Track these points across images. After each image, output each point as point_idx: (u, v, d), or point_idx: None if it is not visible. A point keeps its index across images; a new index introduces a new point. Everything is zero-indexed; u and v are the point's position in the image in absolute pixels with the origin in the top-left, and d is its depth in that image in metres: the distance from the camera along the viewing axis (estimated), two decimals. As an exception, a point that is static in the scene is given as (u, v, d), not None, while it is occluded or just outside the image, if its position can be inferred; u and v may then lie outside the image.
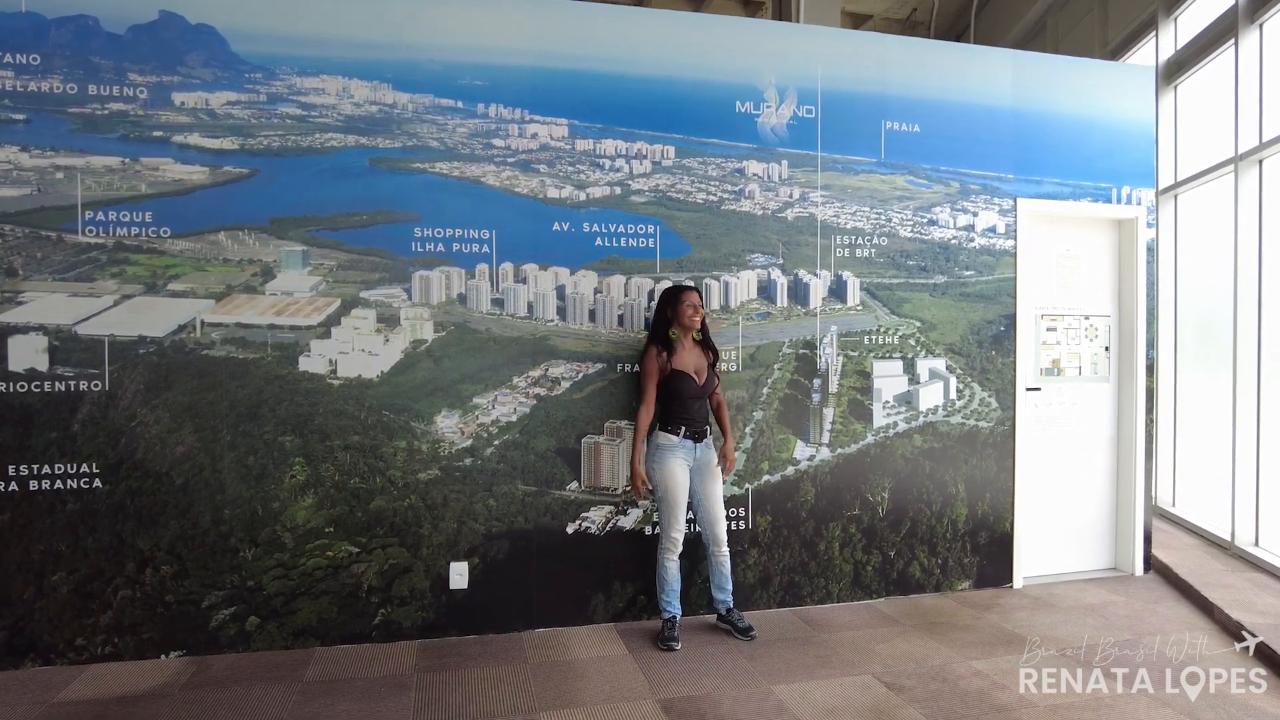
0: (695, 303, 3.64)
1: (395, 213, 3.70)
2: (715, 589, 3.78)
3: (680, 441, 3.64)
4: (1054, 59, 4.82)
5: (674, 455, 3.63)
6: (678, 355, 3.65)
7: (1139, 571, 4.68)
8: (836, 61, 4.21)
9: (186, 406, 3.48)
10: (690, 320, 3.63)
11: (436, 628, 3.71)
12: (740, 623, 3.73)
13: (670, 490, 3.63)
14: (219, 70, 3.55)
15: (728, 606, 3.78)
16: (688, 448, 3.65)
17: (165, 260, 3.48)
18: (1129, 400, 4.73)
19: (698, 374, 3.66)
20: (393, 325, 3.68)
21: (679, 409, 3.63)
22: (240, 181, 3.57)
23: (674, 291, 3.68)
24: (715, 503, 3.71)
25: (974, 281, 4.44)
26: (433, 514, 3.69)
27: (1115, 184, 4.63)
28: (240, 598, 3.52)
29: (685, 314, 3.62)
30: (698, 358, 3.69)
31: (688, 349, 3.68)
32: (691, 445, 3.66)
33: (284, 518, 3.55)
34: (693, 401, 3.64)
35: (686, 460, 3.66)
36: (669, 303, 3.66)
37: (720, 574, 3.75)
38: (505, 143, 3.81)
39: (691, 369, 3.65)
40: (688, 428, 3.64)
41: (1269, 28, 4.89)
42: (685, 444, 3.65)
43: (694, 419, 3.65)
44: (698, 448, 3.67)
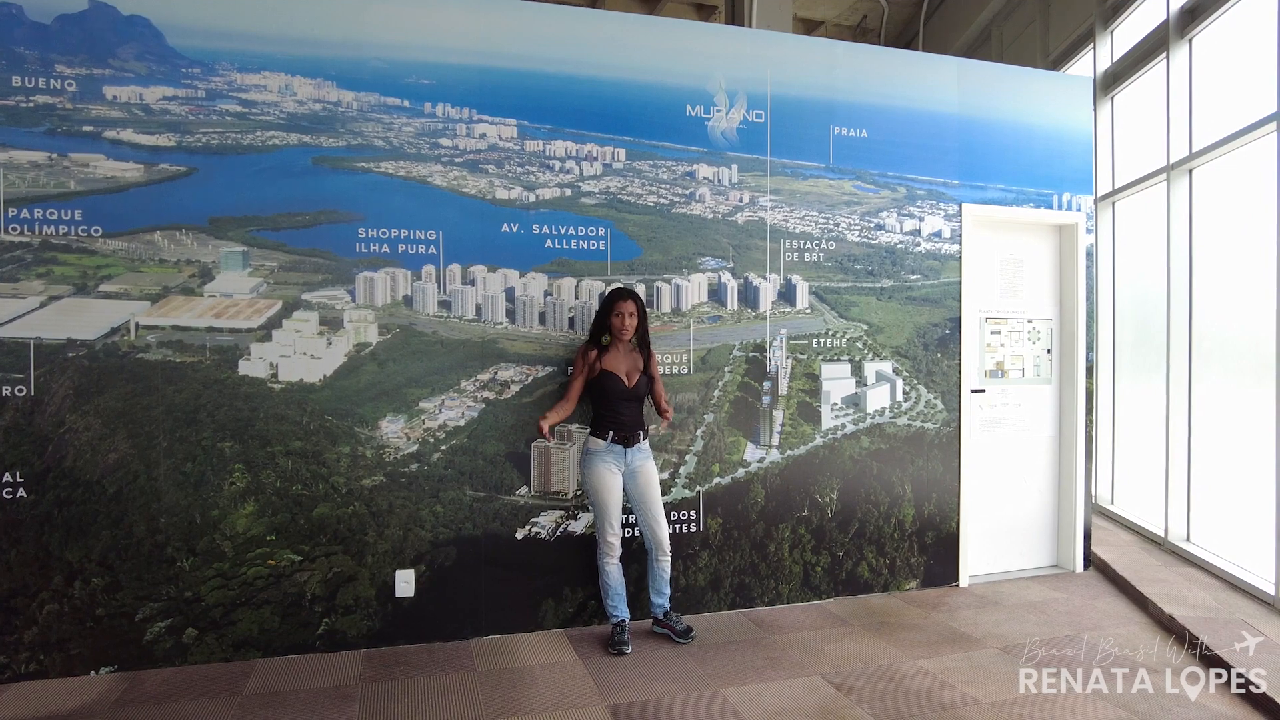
0: (628, 311, 3.59)
1: (339, 213, 3.62)
2: (653, 592, 3.77)
3: (608, 446, 3.61)
4: (999, 68, 4.95)
5: (601, 460, 3.60)
6: (609, 356, 3.62)
7: (1079, 568, 4.81)
8: (786, 66, 4.24)
9: (119, 412, 3.35)
10: (619, 331, 3.59)
11: (382, 637, 3.63)
12: (678, 625, 3.72)
13: (598, 493, 3.60)
14: (154, 64, 3.43)
15: (664, 610, 3.76)
16: (616, 452, 3.62)
17: (96, 260, 3.36)
18: (1070, 401, 4.85)
19: (628, 376, 3.61)
20: (336, 328, 3.60)
21: (607, 411, 3.61)
22: (177, 180, 3.46)
23: (610, 298, 3.65)
24: (653, 507, 3.68)
25: (920, 285, 4.51)
26: (378, 521, 3.62)
27: (1056, 190, 4.75)
28: (177, 609, 3.40)
29: (614, 324, 3.59)
30: (631, 362, 3.65)
31: (622, 352, 3.65)
32: (621, 450, 3.62)
33: (223, 526, 3.45)
34: (621, 403, 3.59)
35: (616, 465, 3.62)
36: (605, 307, 3.65)
37: (659, 578, 3.73)
38: (453, 142, 3.76)
39: (623, 371, 3.61)
40: (615, 431, 3.60)
41: (1198, 43, 5.07)
42: (614, 449, 3.61)
43: (622, 422, 3.60)
44: (628, 453, 3.63)
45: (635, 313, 3.61)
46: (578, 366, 3.64)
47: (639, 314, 3.64)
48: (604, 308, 3.65)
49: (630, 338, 3.64)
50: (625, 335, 3.60)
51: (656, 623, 3.77)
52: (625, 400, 3.60)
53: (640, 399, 3.67)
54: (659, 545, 3.69)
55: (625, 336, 3.61)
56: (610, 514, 3.62)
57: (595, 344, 3.64)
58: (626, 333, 3.60)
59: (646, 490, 3.67)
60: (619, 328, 3.59)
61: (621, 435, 3.61)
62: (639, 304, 3.65)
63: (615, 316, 3.59)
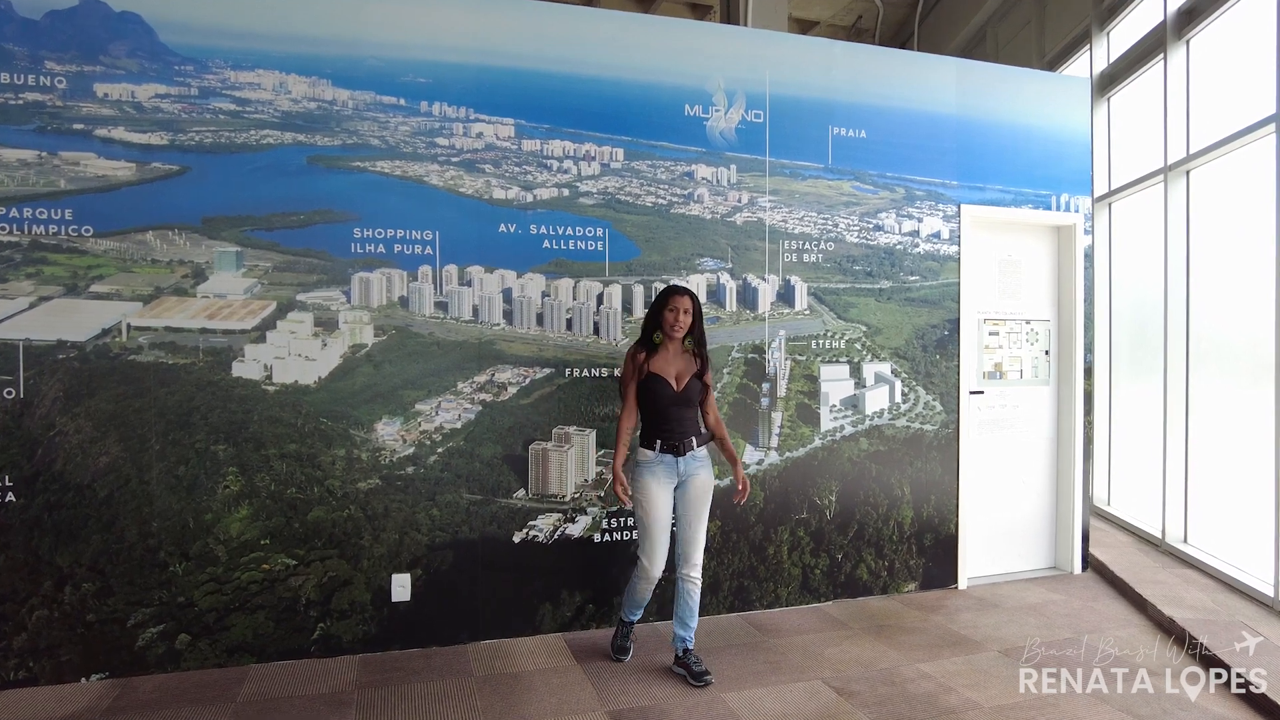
0: (683, 307, 3.32)
1: (334, 213, 3.57)
2: (676, 622, 3.37)
3: (657, 456, 3.31)
4: (997, 69, 4.93)
5: (650, 473, 3.30)
6: (658, 358, 3.35)
7: (1078, 570, 4.80)
8: (784, 66, 4.21)
9: (111, 415, 3.30)
10: (670, 328, 3.32)
11: (378, 642, 3.59)
12: (696, 666, 3.30)
13: (645, 515, 3.30)
14: (146, 61, 3.38)
15: (685, 646, 3.35)
16: (667, 463, 3.31)
17: (87, 260, 3.30)
18: (1068, 403, 4.85)
19: (678, 379, 3.33)
20: (331, 329, 3.55)
21: (655, 417, 3.33)
22: (170, 179, 3.41)
23: (665, 293, 3.39)
24: (696, 524, 3.34)
25: (919, 286, 4.49)
26: (373, 524, 3.57)
27: (1054, 191, 4.74)
28: (169, 615, 3.35)
29: (666, 320, 3.33)
30: (683, 364, 3.36)
31: (672, 354, 3.37)
32: (672, 460, 3.31)
33: (217, 530, 3.40)
34: (671, 409, 3.31)
35: (667, 478, 3.31)
36: (658, 303, 3.39)
37: (685, 605, 3.34)
38: (449, 142, 3.72)
39: (672, 375, 3.32)
40: (664, 440, 3.30)
41: (1195, 44, 5.07)
42: (664, 459, 3.31)
43: (672, 430, 3.30)
44: (680, 462, 3.31)
45: (690, 310, 3.34)
46: (627, 370, 3.39)
47: (694, 312, 3.36)
48: (657, 303, 3.39)
49: (683, 336, 3.36)
50: (677, 332, 3.32)
51: (676, 660, 3.38)
52: (674, 405, 3.32)
53: (692, 404, 3.37)
54: (688, 559, 3.34)
55: (677, 334, 3.33)
56: (654, 537, 3.29)
57: (645, 344, 3.39)
58: (679, 329, 3.32)
59: (694, 502, 3.34)
60: (670, 324, 3.31)
61: (670, 444, 3.30)
62: (695, 302, 3.38)
63: (669, 311, 3.32)
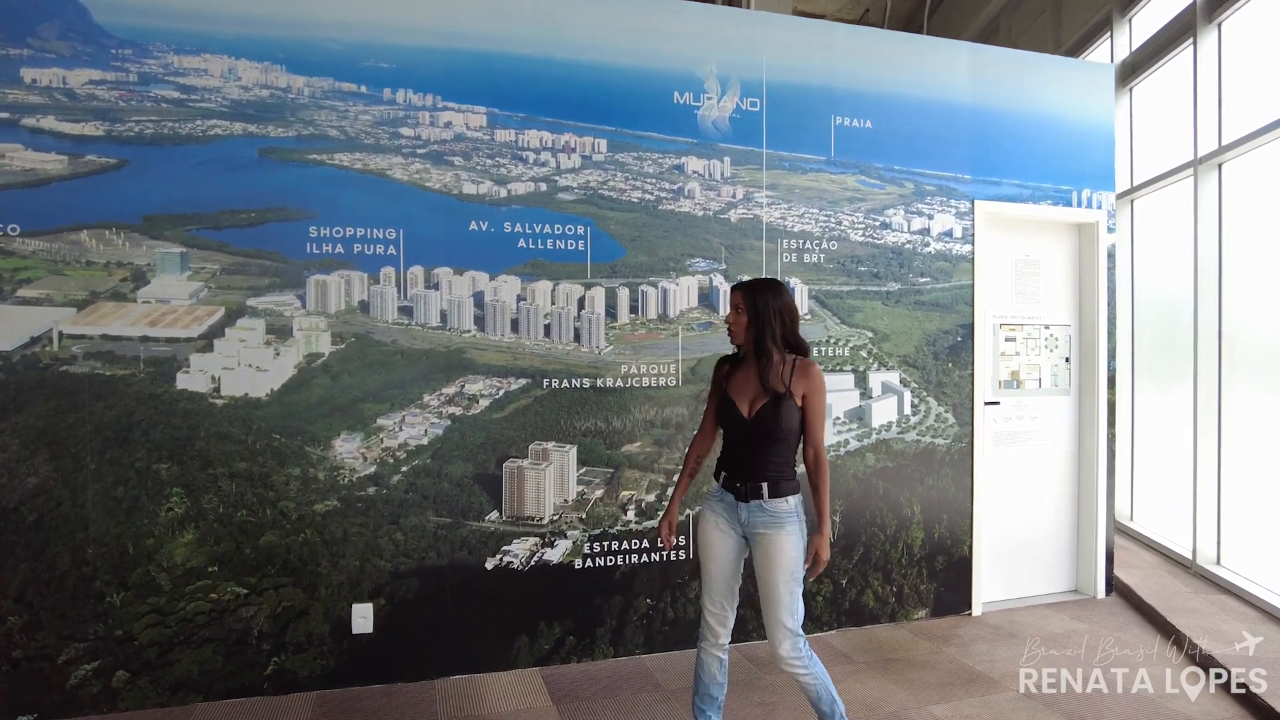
0: (733, 303, 2.67)
1: (288, 210, 3.28)
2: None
3: (718, 491, 2.69)
4: (1014, 54, 4.59)
5: (709, 507, 2.69)
6: (740, 374, 2.65)
7: (1101, 594, 4.45)
8: (783, 50, 3.89)
9: (40, 431, 3.02)
10: (729, 334, 2.69)
11: (337, 677, 3.30)
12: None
13: (701, 555, 2.70)
14: (79, 44, 3.10)
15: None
16: (728, 503, 2.62)
17: (14, 262, 3.02)
18: (1090, 414, 4.50)
19: (752, 403, 2.58)
20: (284, 337, 3.26)
21: (726, 448, 2.70)
22: (107, 173, 3.13)
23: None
24: (764, 589, 2.57)
25: (929, 289, 4.16)
26: (331, 550, 3.27)
27: (1075, 186, 4.40)
28: (106, 650, 3.06)
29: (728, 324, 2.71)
30: (774, 378, 2.59)
31: (754, 370, 2.61)
32: (733, 503, 2.61)
33: (159, 556, 3.12)
34: (740, 441, 2.62)
35: (727, 521, 2.63)
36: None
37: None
38: (415, 132, 3.42)
39: (746, 397, 2.60)
40: (728, 476, 2.64)
41: (1228, 27, 4.73)
42: (724, 497, 2.64)
43: (738, 466, 2.61)
44: (744, 510, 2.58)
45: (741, 305, 2.62)
46: (712, 386, 2.80)
47: (755, 309, 2.58)
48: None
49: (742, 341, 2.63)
50: (735, 339, 2.66)
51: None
52: (744, 437, 2.61)
53: (772, 438, 2.56)
54: (768, 633, 2.58)
55: (735, 340, 2.66)
56: (710, 581, 2.66)
57: (730, 356, 2.77)
58: (735, 335, 2.65)
59: (760, 566, 2.58)
60: (729, 326, 2.69)
61: (731, 481, 2.63)
62: (753, 295, 2.60)
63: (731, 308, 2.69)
